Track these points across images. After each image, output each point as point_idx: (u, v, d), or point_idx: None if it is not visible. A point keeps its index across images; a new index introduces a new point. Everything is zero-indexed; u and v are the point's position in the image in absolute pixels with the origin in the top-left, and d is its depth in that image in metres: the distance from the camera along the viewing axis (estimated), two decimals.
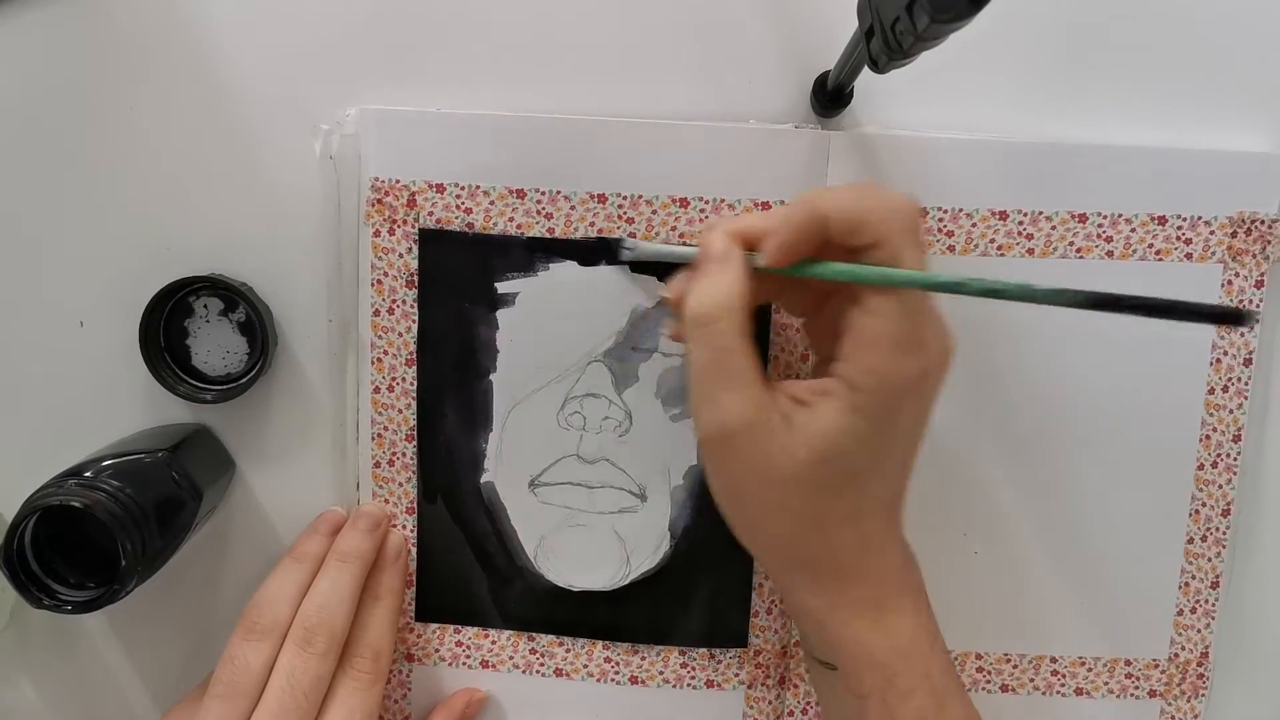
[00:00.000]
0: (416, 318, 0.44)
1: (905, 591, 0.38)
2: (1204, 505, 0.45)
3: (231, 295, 0.44)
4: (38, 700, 0.47)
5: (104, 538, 0.38)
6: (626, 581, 0.46)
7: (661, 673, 0.46)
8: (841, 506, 0.36)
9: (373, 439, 0.45)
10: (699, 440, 0.37)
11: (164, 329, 0.44)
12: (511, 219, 0.43)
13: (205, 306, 0.44)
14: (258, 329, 0.43)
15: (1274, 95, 0.44)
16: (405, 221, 0.43)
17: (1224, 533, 0.46)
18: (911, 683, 0.36)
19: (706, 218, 0.43)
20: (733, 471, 0.37)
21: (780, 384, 0.37)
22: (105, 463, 0.40)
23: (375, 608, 0.44)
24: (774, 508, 0.37)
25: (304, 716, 0.40)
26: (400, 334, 0.44)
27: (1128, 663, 0.47)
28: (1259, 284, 0.44)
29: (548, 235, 0.44)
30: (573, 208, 0.43)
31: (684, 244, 0.43)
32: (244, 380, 0.43)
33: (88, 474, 0.39)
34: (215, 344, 0.45)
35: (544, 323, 0.44)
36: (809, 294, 0.40)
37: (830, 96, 0.42)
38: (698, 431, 0.37)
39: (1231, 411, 0.45)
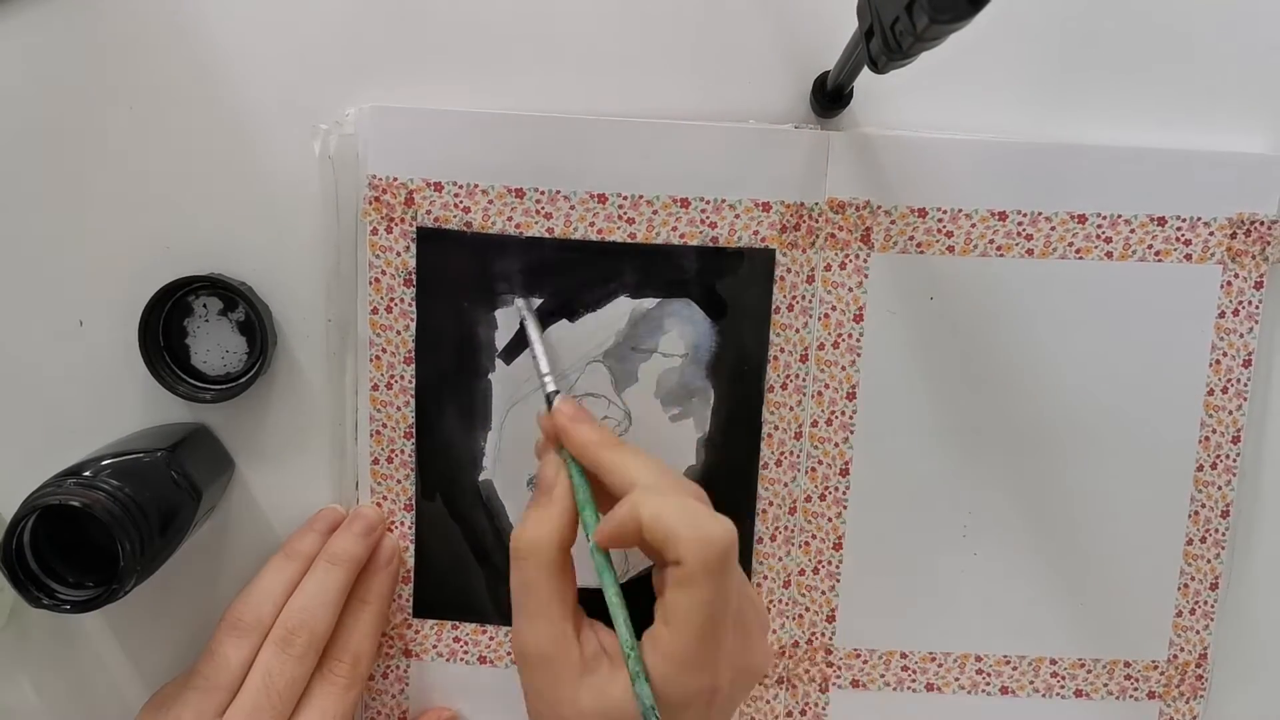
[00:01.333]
0: (415, 316, 0.44)
1: None
2: (1203, 507, 0.45)
3: (230, 295, 0.44)
4: (36, 699, 0.47)
5: (103, 537, 0.38)
6: (625, 580, 0.46)
7: None
8: None
9: (371, 437, 0.45)
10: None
11: (163, 328, 0.44)
12: (510, 218, 0.43)
13: (204, 306, 0.44)
14: (257, 329, 0.43)
15: (1273, 96, 0.44)
16: (403, 220, 0.43)
17: (1223, 534, 0.46)
18: None
19: (706, 219, 0.43)
20: (528, 690, 0.38)
21: (598, 630, 0.38)
22: (104, 462, 0.40)
23: (361, 611, 0.44)
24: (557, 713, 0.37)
25: (278, 716, 0.40)
26: (399, 332, 0.44)
27: (1127, 664, 0.47)
28: (1258, 285, 0.44)
29: (547, 235, 0.44)
30: (572, 207, 0.43)
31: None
32: (243, 380, 0.43)
33: (87, 473, 0.39)
34: (214, 343, 0.45)
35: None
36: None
37: (830, 97, 0.42)
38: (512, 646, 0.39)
39: (1231, 413, 0.45)
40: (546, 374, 0.42)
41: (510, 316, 0.44)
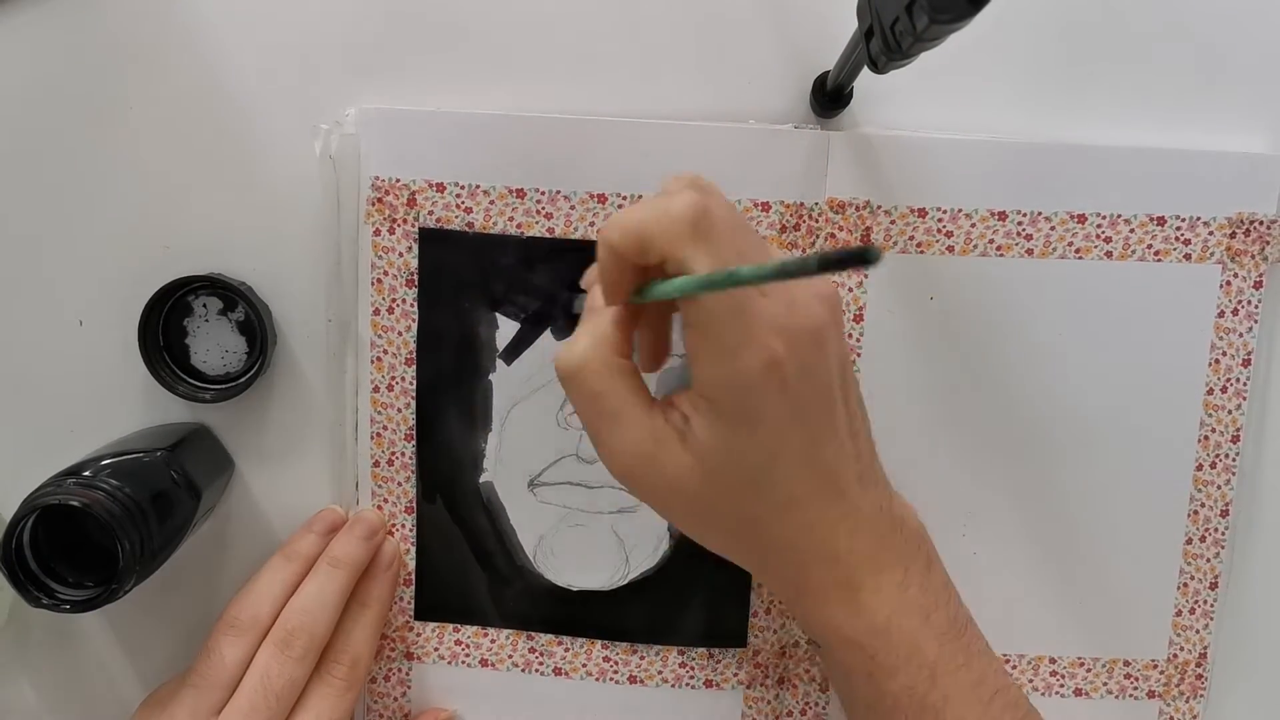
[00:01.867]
0: (416, 317, 0.44)
1: (884, 568, 0.37)
2: (1203, 506, 0.45)
3: (230, 294, 0.44)
4: (36, 699, 0.47)
5: (103, 537, 0.38)
6: (625, 581, 0.46)
7: (660, 672, 0.46)
8: (764, 502, 0.36)
9: (372, 438, 0.45)
10: (623, 484, 0.38)
11: (163, 328, 0.44)
12: (511, 219, 0.44)
13: (204, 306, 0.44)
14: (257, 328, 0.43)
15: (1272, 96, 0.44)
16: (405, 221, 0.43)
17: (1222, 533, 0.46)
18: (895, 660, 0.36)
19: None
20: (653, 498, 0.37)
21: (672, 399, 0.36)
22: (104, 462, 0.40)
23: (361, 615, 0.44)
24: (702, 518, 0.37)
25: (274, 717, 0.40)
26: (400, 333, 0.44)
27: (1126, 663, 0.47)
28: (1258, 285, 0.44)
29: (548, 235, 0.44)
30: (573, 208, 0.43)
31: None
32: (243, 380, 0.43)
33: (86, 473, 0.39)
34: (214, 343, 0.45)
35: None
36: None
37: (830, 97, 0.42)
38: (617, 478, 0.37)
39: (1230, 412, 0.45)
40: None
41: (508, 318, 0.44)
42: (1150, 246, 0.44)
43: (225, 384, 0.44)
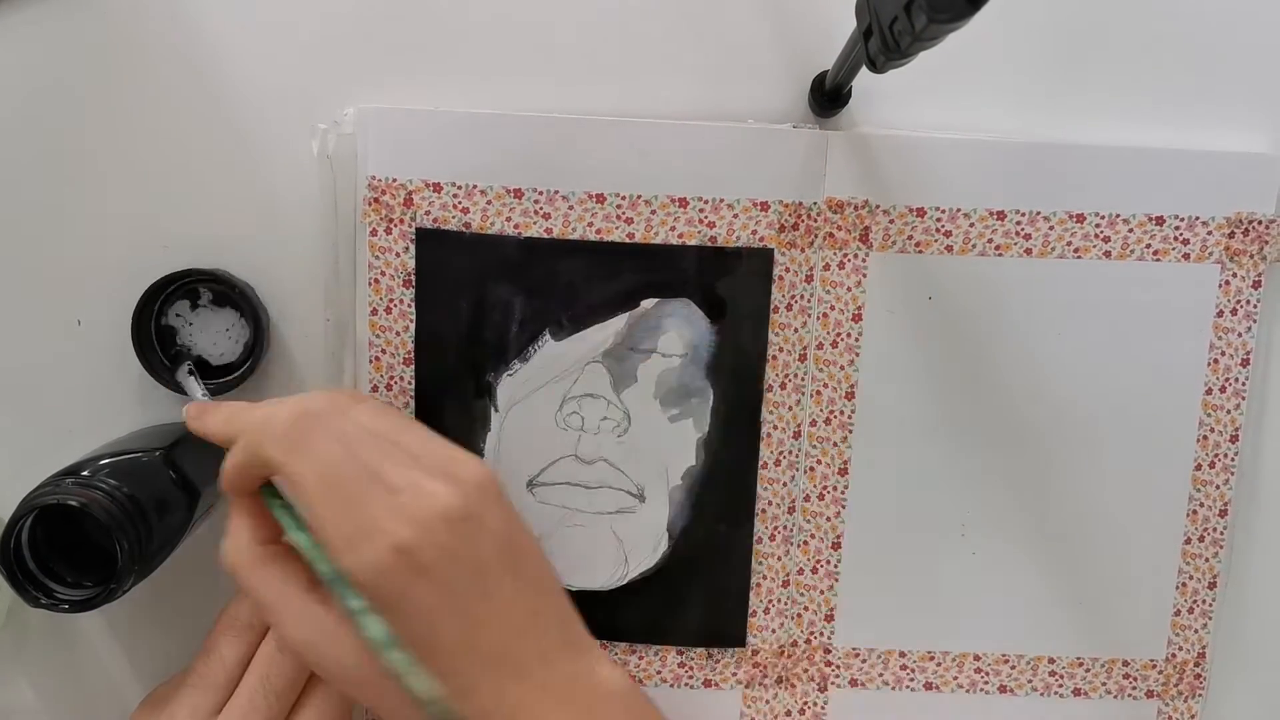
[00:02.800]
0: (414, 317, 0.44)
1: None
2: (1201, 505, 0.45)
3: (220, 287, 0.43)
4: (34, 699, 0.47)
5: (101, 536, 0.38)
6: (624, 581, 0.46)
7: (659, 672, 0.46)
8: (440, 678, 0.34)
9: None
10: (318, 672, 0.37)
11: (158, 327, 0.44)
12: (509, 219, 0.43)
13: (195, 302, 0.44)
14: (248, 316, 0.43)
15: (1271, 96, 0.44)
16: (402, 221, 0.43)
17: (1221, 533, 0.46)
18: None
19: (704, 218, 0.43)
20: (333, 680, 0.36)
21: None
22: (102, 461, 0.40)
23: None
24: (387, 698, 0.35)
25: (274, 717, 0.40)
26: (398, 333, 0.44)
27: (1125, 663, 0.47)
28: (1256, 284, 0.44)
29: (546, 235, 0.44)
30: (570, 208, 0.43)
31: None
32: (240, 372, 0.43)
33: (85, 473, 0.39)
34: (208, 339, 0.45)
35: None
36: None
37: (828, 96, 0.42)
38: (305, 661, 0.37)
39: (1229, 412, 0.45)
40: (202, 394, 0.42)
41: (505, 318, 0.44)
42: (1149, 246, 0.44)
43: (221, 378, 0.44)
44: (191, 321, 0.45)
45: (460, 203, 0.43)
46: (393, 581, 0.32)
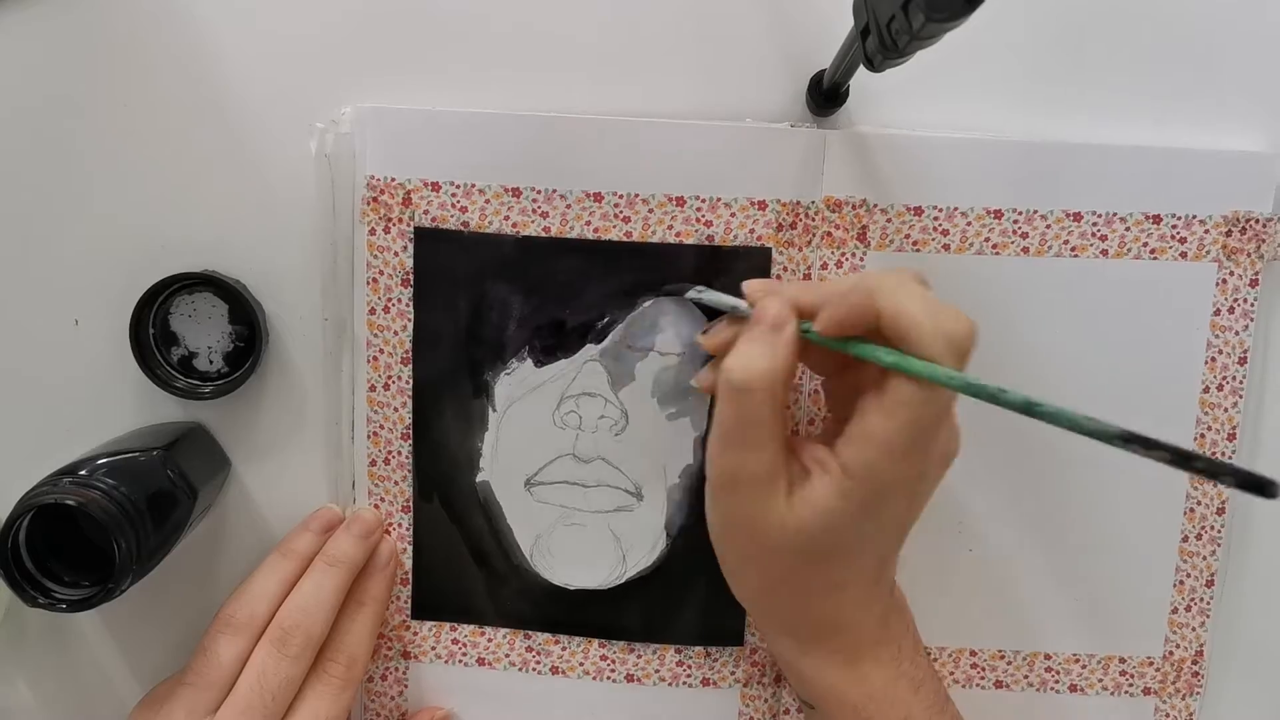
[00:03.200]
0: (412, 316, 0.44)
1: (883, 642, 0.40)
2: (1199, 503, 0.46)
3: (220, 288, 0.43)
4: (32, 699, 0.47)
5: (99, 536, 0.38)
6: (623, 580, 0.46)
7: (658, 671, 0.46)
8: (823, 578, 0.38)
9: (368, 437, 0.45)
10: (708, 483, 0.39)
11: (157, 327, 0.44)
12: (507, 218, 0.43)
13: (193, 304, 0.44)
14: (248, 316, 0.43)
15: (1269, 94, 0.44)
16: (400, 220, 0.43)
17: (1218, 531, 0.46)
18: None
19: (702, 217, 0.43)
20: (729, 519, 0.39)
21: (797, 444, 0.38)
22: (100, 461, 0.40)
23: (358, 613, 0.44)
24: (758, 566, 0.39)
25: (270, 716, 0.40)
26: (396, 332, 0.44)
27: (1122, 660, 0.47)
28: (1253, 283, 0.44)
29: (544, 234, 0.44)
30: (569, 206, 0.43)
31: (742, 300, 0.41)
32: (240, 372, 0.43)
33: (82, 472, 0.39)
34: (206, 342, 0.45)
35: None
36: (835, 359, 0.40)
37: (826, 95, 0.42)
38: (709, 475, 0.38)
39: (1226, 410, 0.45)
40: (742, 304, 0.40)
41: (503, 317, 0.44)
42: (1146, 245, 0.44)
43: (221, 380, 0.44)
44: (190, 316, 0.44)
45: (458, 202, 0.43)
46: (895, 497, 0.37)
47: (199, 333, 0.45)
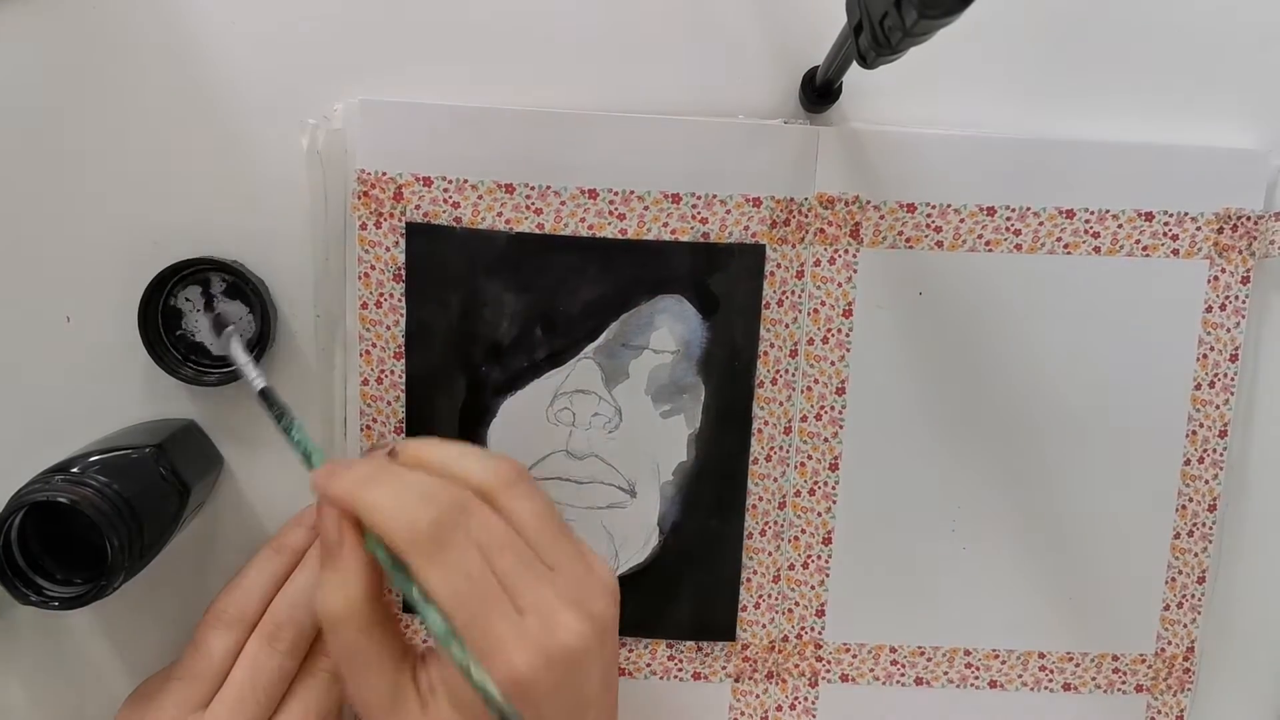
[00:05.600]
0: (404, 311, 0.44)
1: None
2: (1190, 501, 0.46)
3: (227, 276, 0.43)
4: (24, 695, 0.47)
5: (91, 534, 0.38)
6: (619, 576, 0.46)
7: (649, 665, 0.47)
8: None
9: (361, 432, 0.45)
10: None
11: (161, 315, 0.44)
12: (500, 214, 0.43)
13: (188, 298, 0.44)
14: (256, 306, 0.43)
15: (1261, 92, 0.44)
16: (392, 215, 0.43)
17: (1210, 528, 0.46)
18: None
19: (698, 214, 0.43)
20: None
21: (430, 662, 0.36)
22: (92, 458, 0.40)
23: None
24: None
25: (261, 711, 0.40)
26: (388, 327, 0.44)
27: (1114, 658, 0.47)
28: (1245, 280, 0.44)
29: (537, 231, 0.43)
30: (563, 203, 0.43)
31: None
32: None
33: (75, 470, 0.39)
34: (207, 331, 0.44)
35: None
36: None
37: (819, 92, 0.42)
38: None
39: (1218, 407, 0.45)
40: (256, 377, 0.41)
41: (496, 313, 0.44)
42: (1138, 242, 0.44)
43: (227, 366, 0.43)
44: (200, 308, 0.44)
45: (451, 197, 0.43)
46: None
47: (199, 321, 0.44)
